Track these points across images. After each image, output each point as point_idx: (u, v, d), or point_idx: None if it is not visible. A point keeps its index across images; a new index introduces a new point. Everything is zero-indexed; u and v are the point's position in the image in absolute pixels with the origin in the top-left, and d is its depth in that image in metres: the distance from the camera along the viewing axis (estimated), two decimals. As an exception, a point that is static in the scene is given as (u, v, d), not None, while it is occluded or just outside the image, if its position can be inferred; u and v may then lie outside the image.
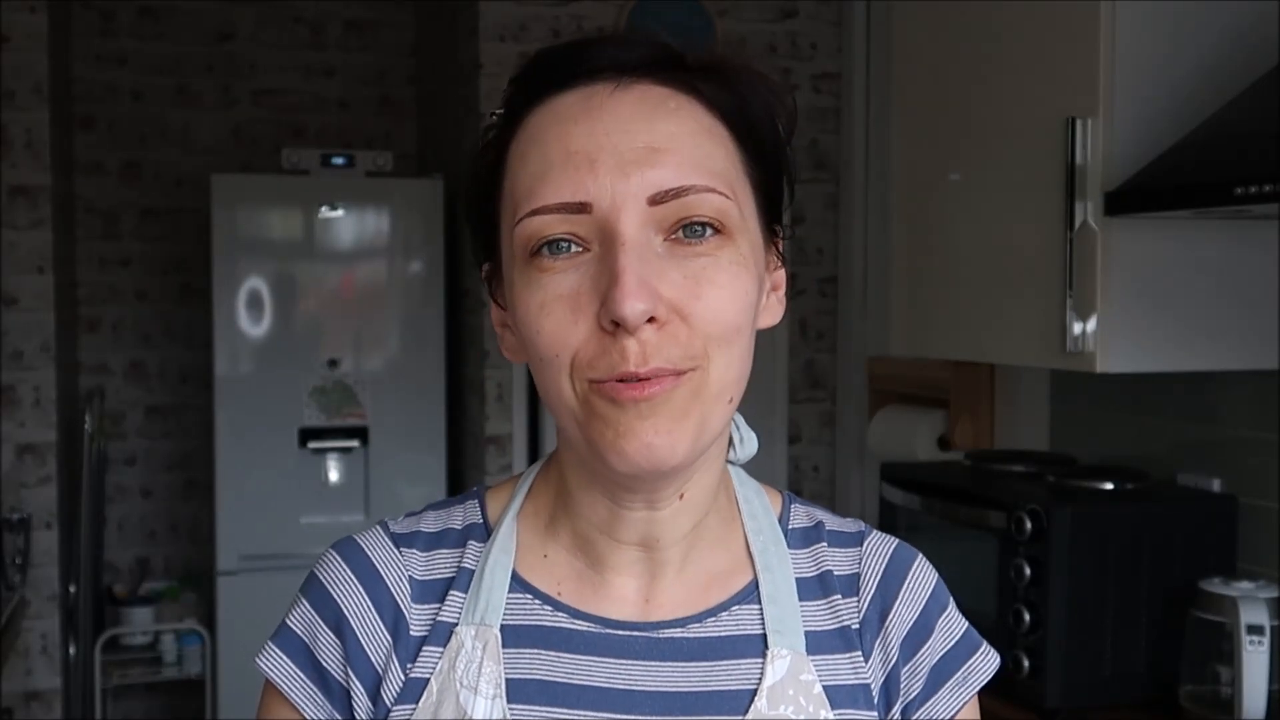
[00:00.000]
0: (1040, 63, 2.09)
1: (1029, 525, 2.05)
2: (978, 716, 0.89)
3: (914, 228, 2.47)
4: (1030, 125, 2.10)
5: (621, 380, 0.73)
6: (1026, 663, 2.04)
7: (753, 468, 0.91)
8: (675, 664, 0.81)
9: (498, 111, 0.82)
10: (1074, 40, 2.00)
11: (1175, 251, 1.99)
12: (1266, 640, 1.88)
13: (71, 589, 3.58)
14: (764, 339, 0.81)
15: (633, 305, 0.71)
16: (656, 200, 0.74)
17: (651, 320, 0.72)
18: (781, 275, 0.84)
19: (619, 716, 0.79)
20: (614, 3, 3.30)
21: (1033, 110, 2.09)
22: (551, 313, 0.74)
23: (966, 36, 2.29)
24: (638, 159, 0.74)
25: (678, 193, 0.74)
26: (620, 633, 0.81)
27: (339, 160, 3.70)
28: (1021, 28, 2.14)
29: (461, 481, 3.74)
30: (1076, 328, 1.98)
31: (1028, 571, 2.05)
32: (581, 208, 0.74)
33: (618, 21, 3.29)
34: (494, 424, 3.37)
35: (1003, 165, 2.18)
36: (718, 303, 0.75)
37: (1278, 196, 1.58)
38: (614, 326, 0.72)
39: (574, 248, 0.74)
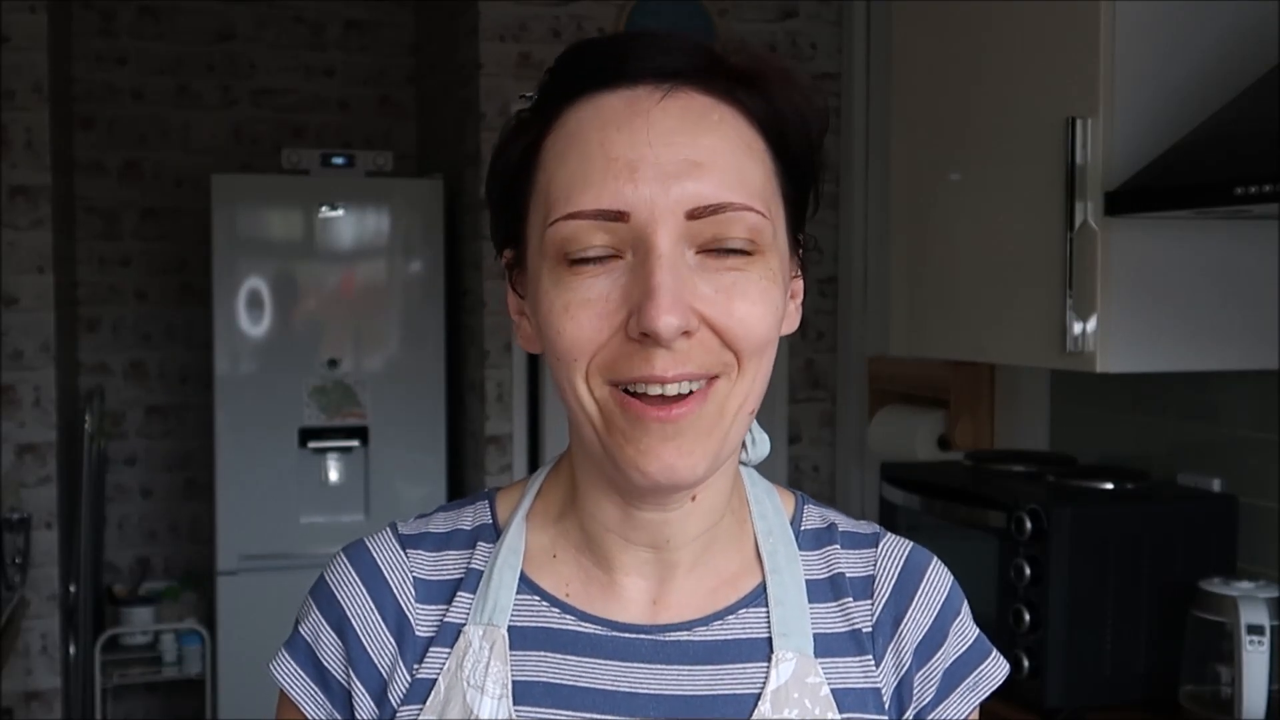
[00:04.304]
0: (1040, 63, 2.09)
1: (1029, 525, 2.05)
2: None
3: (914, 228, 2.47)
4: (1030, 125, 2.10)
5: (645, 387, 0.73)
6: (1026, 663, 2.04)
7: (756, 468, 0.91)
8: (681, 667, 0.81)
9: (527, 94, 0.81)
10: (1074, 40, 2.00)
11: (1175, 251, 1.99)
12: (1266, 640, 1.88)
13: (71, 589, 3.57)
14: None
15: (668, 321, 0.71)
16: (694, 215, 0.74)
17: (684, 334, 0.73)
18: (800, 284, 0.84)
19: (624, 719, 0.79)
20: (614, 2, 3.30)
21: (1033, 110, 2.09)
22: (575, 316, 0.74)
23: (966, 37, 2.29)
24: (679, 172, 0.74)
25: (716, 209, 0.74)
26: (627, 635, 0.82)
27: (339, 160, 3.70)
28: (1021, 28, 2.14)
29: (461, 481, 3.74)
30: (1076, 328, 1.98)
31: (1028, 571, 2.05)
32: (619, 216, 0.73)
33: (618, 21, 3.29)
34: (494, 424, 3.37)
35: (1003, 165, 2.18)
36: (750, 317, 0.75)
37: (1278, 196, 1.58)
38: (643, 337, 0.72)
39: (607, 255, 0.74)
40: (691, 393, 0.74)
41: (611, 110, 0.76)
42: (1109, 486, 2.15)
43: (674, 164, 0.74)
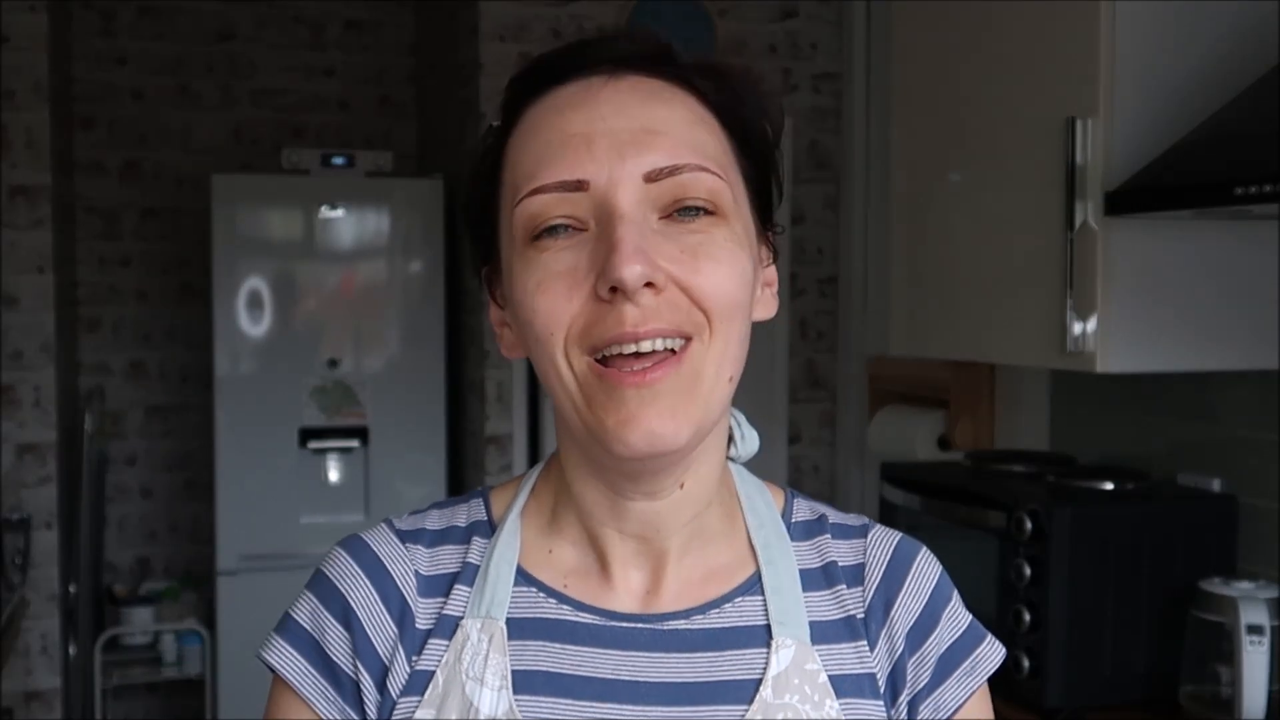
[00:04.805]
0: (1040, 63, 2.09)
1: (1029, 525, 2.05)
2: (989, 708, 0.89)
3: (914, 228, 2.47)
4: (1030, 125, 2.10)
5: (619, 348, 0.74)
6: (1026, 663, 2.04)
7: (752, 467, 0.91)
8: (680, 655, 0.81)
9: (494, 124, 0.83)
10: (1074, 40, 2.00)
11: (1175, 251, 1.99)
12: (1266, 640, 1.88)
13: (71, 589, 3.58)
14: (764, 339, 0.81)
15: (631, 268, 0.72)
16: (652, 177, 0.76)
17: (650, 286, 0.74)
18: (773, 272, 0.86)
19: (625, 707, 0.80)
20: (614, 2, 3.30)
21: (1033, 110, 2.09)
22: (547, 290, 0.76)
23: (966, 37, 2.29)
24: (634, 140, 0.76)
25: (672, 170, 0.76)
26: (625, 625, 0.82)
27: (339, 160, 3.70)
28: (1021, 28, 2.14)
29: (461, 481, 3.74)
30: (1076, 328, 1.98)
31: (1028, 571, 2.05)
32: (579, 185, 0.75)
33: (618, 21, 3.29)
34: (494, 424, 3.37)
35: (1003, 165, 2.18)
36: (717, 276, 0.76)
37: (1278, 196, 1.58)
38: (611, 294, 0.74)
39: (572, 230, 0.76)
40: (666, 353, 0.75)
41: (565, 97, 0.79)
42: (1109, 486, 2.15)
43: (628, 132, 0.76)
